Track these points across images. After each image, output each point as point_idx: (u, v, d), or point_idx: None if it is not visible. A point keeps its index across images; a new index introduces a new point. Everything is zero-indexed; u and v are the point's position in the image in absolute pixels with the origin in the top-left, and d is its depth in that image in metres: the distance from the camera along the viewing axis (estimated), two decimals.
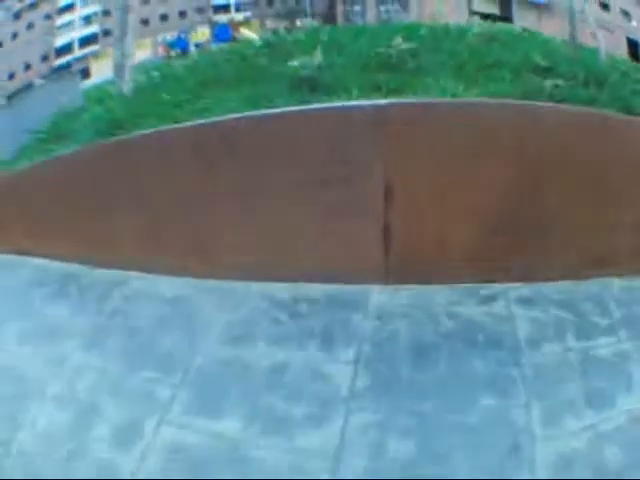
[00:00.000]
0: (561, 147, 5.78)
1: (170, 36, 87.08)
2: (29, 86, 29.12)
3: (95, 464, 4.46)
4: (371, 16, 49.59)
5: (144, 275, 6.98)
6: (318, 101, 6.76)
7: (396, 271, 6.03)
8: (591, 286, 5.78)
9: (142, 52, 31.45)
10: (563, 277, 5.87)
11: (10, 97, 19.63)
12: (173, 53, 39.74)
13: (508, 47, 9.19)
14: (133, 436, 4.62)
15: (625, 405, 4.32)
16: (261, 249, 6.36)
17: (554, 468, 3.78)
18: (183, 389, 5.01)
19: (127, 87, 12.79)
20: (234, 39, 34.12)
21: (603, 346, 4.96)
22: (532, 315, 5.41)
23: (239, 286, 6.23)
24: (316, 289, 5.95)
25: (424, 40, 9.97)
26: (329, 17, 54.64)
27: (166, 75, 11.53)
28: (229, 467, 4.13)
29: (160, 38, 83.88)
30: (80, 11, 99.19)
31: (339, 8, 73.70)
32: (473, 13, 39.46)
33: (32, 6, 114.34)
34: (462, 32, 10.67)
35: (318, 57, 8.56)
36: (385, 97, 6.48)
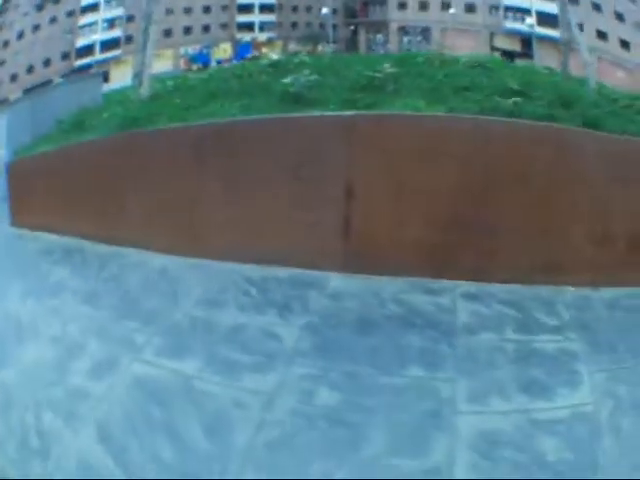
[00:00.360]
0: (510, 157, 6.37)
1: (192, 50, 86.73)
2: (47, 83, 29.62)
3: (68, 390, 5.04)
4: (393, 45, 50.22)
5: (140, 251, 7.79)
6: (298, 113, 7.54)
7: (353, 260, 6.66)
8: (542, 290, 6.17)
9: (164, 63, 31.79)
10: (513, 280, 6.29)
11: (27, 91, 20.02)
12: (194, 67, 40.23)
13: (489, 73, 9.76)
14: (108, 369, 5.27)
15: (570, 400, 4.49)
16: (238, 233, 7.11)
17: (477, 444, 3.98)
18: (157, 337, 5.72)
19: (144, 92, 13.47)
20: (255, 58, 34.26)
21: (545, 342, 5.27)
22: (474, 308, 5.87)
23: (218, 264, 7.02)
24: (283, 271, 6.67)
25: (412, 66, 10.64)
26: (351, 44, 55.47)
27: (180, 85, 12.34)
28: (181, 395, 4.76)
29: (182, 51, 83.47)
30: (104, 13, 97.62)
31: (362, 36, 74.63)
32: (494, 49, 40.06)
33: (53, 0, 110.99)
34: (455, 61, 11.26)
35: (307, 76, 9.37)
36: (357, 111, 7.18)
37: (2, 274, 8.74)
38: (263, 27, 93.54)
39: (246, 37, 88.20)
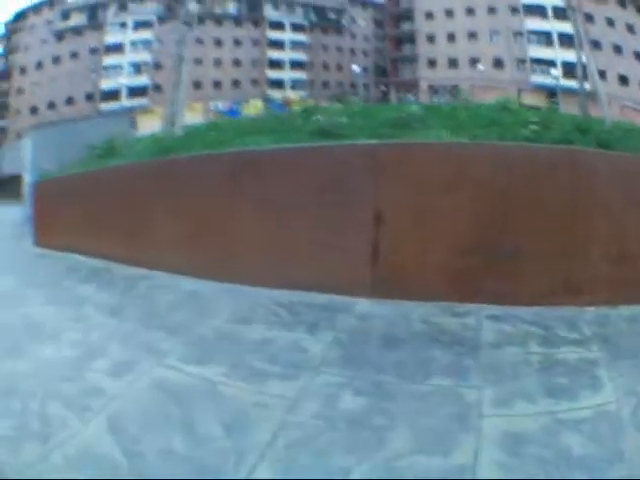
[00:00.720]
0: (529, 180, 6.51)
1: (223, 105, 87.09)
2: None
3: (82, 385, 5.14)
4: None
5: (169, 274, 8.01)
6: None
7: (381, 286, 6.78)
8: (564, 311, 6.27)
9: (194, 115, 32.16)
10: (535, 302, 6.38)
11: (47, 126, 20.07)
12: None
13: (512, 114, 10.02)
14: (127, 370, 5.38)
15: (593, 401, 4.53)
16: (269, 258, 7.29)
17: (503, 443, 3.98)
18: (181, 345, 5.84)
19: (177, 131, 13.86)
20: None
21: (567, 353, 5.36)
22: (499, 327, 5.96)
23: (248, 288, 7.22)
24: (311, 296, 6.81)
25: (438, 110, 10.96)
26: (382, 103, 56.36)
27: (213, 126, 12.81)
28: (202, 396, 4.83)
29: (212, 105, 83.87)
30: (129, 55, 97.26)
31: (393, 95, 75.58)
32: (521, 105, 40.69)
33: (76, 31, 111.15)
34: (478, 107, 11.56)
35: (337, 117, 9.72)
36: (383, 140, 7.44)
37: (23, 285, 8.89)
38: (294, 85, 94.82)
39: (277, 95, 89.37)
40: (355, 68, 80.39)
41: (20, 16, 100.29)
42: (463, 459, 3.85)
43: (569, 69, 60.49)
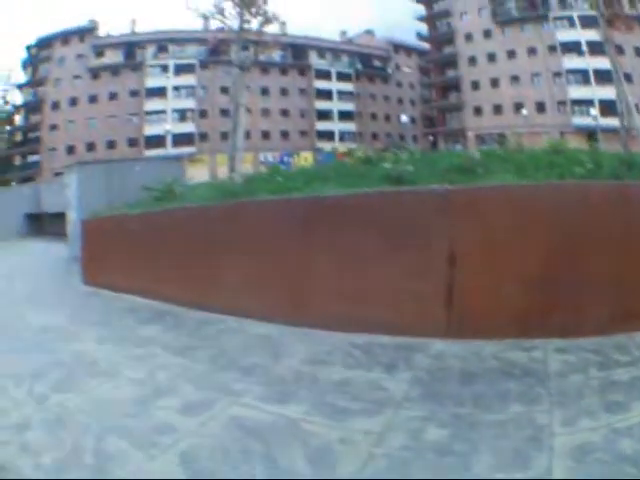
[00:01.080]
0: (588, 215, 6.74)
1: (273, 157, 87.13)
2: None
3: (148, 422, 5.23)
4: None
5: (237, 318, 8.19)
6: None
7: (455, 326, 6.98)
8: (619, 339, 6.50)
9: (244, 166, 32.48)
10: (595, 332, 6.57)
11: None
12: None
13: (566, 156, 10.26)
14: (200, 409, 5.48)
15: None
16: (343, 302, 7.46)
17: (572, 454, 4.35)
18: (258, 386, 5.99)
19: (237, 178, 13.78)
20: None
21: (621, 374, 5.69)
22: (564, 358, 6.20)
23: (321, 332, 7.38)
24: (387, 339, 7.00)
25: (496, 155, 11.25)
26: (433, 152, 57.13)
27: (275, 172, 12.79)
28: (284, 432, 4.96)
29: (262, 156, 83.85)
30: (173, 102, 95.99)
31: (441, 145, 76.10)
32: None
33: (112, 70, 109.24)
34: (532, 150, 11.84)
35: (404, 165, 10.02)
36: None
37: (76, 323, 9.08)
38: (343, 137, 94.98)
39: (327, 147, 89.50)
40: (404, 118, 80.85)
41: (45, 42, 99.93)
42: (539, 471, 4.21)
43: (606, 106, 60.30)
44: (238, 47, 27.52)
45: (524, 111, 72.31)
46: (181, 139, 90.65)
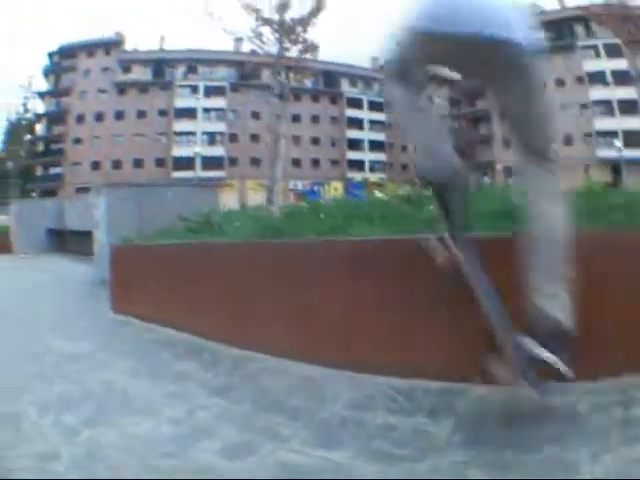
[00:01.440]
0: (612, 259, 6.75)
1: (303, 185, 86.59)
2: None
3: (189, 464, 5.24)
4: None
5: (277, 358, 8.19)
6: None
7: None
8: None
9: (280, 196, 32.17)
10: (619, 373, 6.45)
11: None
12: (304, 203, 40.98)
13: (597, 197, 10.06)
14: (244, 452, 5.48)
15: None
16: (387, 347, 7.51)
17: None
18: (304, 430, 6.05)
19: (275, 211, 13.63)
20: None
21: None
22: (593, 400, 6.20)
23: (363, 376, 7.42)
24: (430, 384, 7.02)
25: None
26: None
27: (314, 208, 12.34)
28: (330, 477, 5.08)
29: (292, 185, 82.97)
30: (202, 124, 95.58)
31: (471, 177, 75.56)
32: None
33: (140, 87, 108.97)
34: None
35: None
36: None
37: (105, 354, 9.03)
38: (373, 167, 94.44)
39: (357, 176, 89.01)
40: None
41: (67, 51, 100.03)
42: None
43: (629, 137, 59.91)
44: (276, 74, 27.74)
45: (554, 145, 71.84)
46: (210, 162, 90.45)
